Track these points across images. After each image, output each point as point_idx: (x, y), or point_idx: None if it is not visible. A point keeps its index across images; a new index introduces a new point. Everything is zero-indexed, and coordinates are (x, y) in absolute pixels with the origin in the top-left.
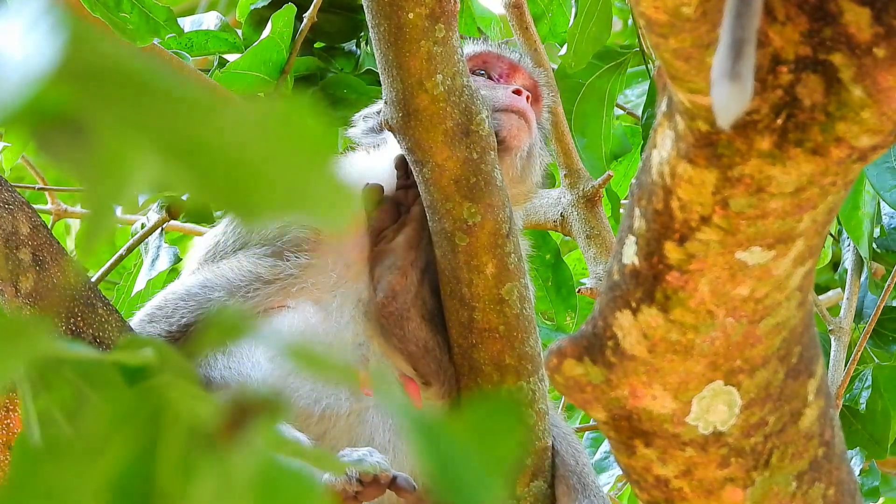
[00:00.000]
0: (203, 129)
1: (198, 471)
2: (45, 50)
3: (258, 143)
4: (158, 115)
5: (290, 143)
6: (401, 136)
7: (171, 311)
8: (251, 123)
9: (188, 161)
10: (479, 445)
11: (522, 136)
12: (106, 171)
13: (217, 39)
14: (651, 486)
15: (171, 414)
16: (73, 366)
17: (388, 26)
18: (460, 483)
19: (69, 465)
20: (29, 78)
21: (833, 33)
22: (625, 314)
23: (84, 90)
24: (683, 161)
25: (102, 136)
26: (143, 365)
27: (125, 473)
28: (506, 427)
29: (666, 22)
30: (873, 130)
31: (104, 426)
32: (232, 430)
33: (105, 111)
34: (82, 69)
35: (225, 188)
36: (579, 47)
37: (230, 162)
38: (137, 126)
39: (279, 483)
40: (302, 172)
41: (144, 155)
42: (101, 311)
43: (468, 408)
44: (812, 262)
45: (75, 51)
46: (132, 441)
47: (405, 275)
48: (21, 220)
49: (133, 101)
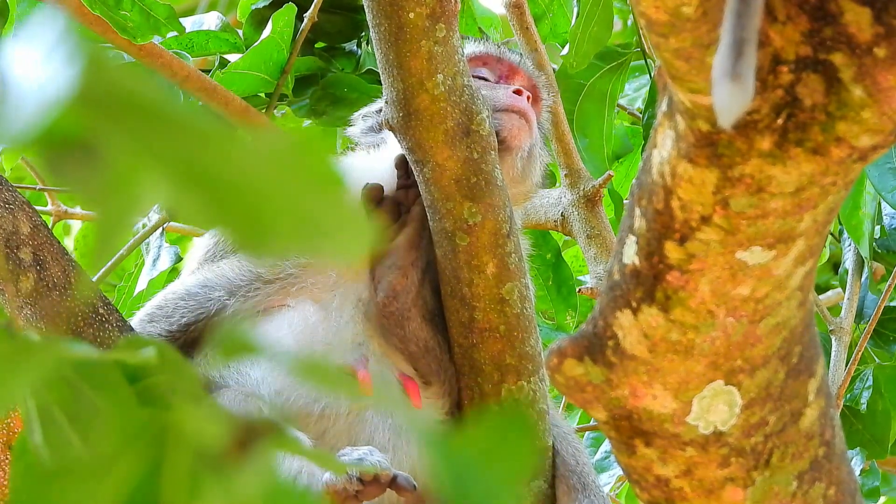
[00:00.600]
0: (215, 158)
1: (203, 490)
2: (62, 77)
3: (269, 172)
4: (171, 142)
5: (303, 175)
6: (401, 135)
7: (171, 310)
8: (263, 154)
9: (199, 190)
10: (492, 457)
11: (523, 137)
12: (116, 194)
13: (218, 40)
14: (651, 485)
15: (176, 434)
16: (75, 365)
17: (389, 26)
18: (475, 494)
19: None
20: (45, 105)
21: (833, 33)
22: (625, 314)
23: (98, 116)
24: (684, 161)
25: (114, 160)
26: (144, 364)
27: (131, 492)
28: (518, 439)
29: (666, 22)
30: (874, 130)
31: (111, 444)
32: (238, 450)
33: (118, 137)
34: (97, 96)
35: (234, 216)
36: (581, 48)
37: (241, 192)
38: (149, 153)
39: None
40: (314, 204)
41: (155, 180)
42: (101, 310)
43: (479, 419)
44: (812, 261)
45: (91, 78)
46: (138, 460)
47: (406, 275)
48: (22, 219)
49: (146, 129)
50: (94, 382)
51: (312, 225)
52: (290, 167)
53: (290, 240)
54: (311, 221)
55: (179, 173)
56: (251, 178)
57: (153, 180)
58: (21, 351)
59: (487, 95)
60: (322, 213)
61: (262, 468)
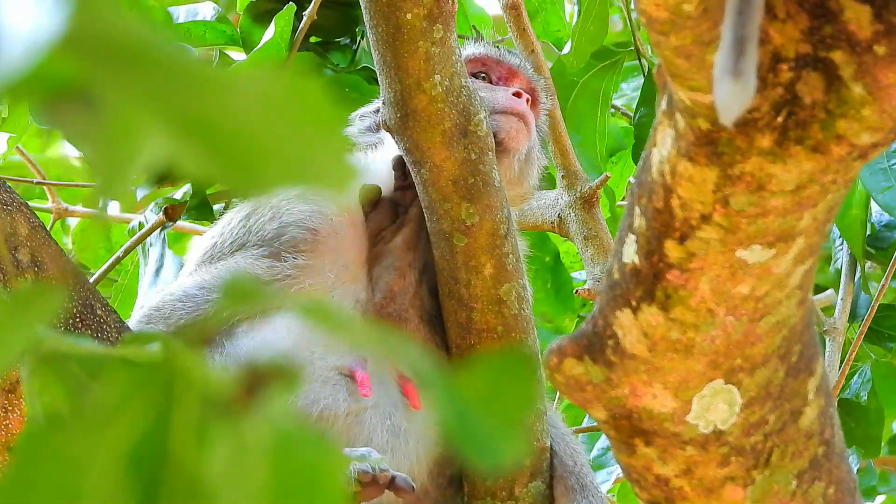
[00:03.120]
0: (209, 101)
1: (212, 439)
2: (51, 19)
3: (264, 115)
4: (165, 87)
5: (296, 116)
6: (399, 136)
7: (168, 312)
8: (257, 96)
9: (194, 132)
10: (494, 400)
11: (521, 139)
12: (115, 141)
13: (215, 31)
14: (651, 485)
15: (183, 383)
16: (79, 361)
17: (387, 27)
18: (478, 437)
19: (79, 437)
20: (33, 48)
21: (833, 31)
22: (625, 313)
23: (90, 62)
24: (684, 159)
25: (110, 107)
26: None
27: (139, 442)
28: (519, 382)
29: (667, 19)
30: (874, 128)
31: (115, 396)
32: (246, 398)
33: (112, 83)
34: (88, 40)
35: (230, 159)
36: (579, 46)
37: (235, 134)
38: (144, 98)
39: (295, 450)
40: (307, 144)
41: (152, 126)
42: (99, 311)
43: (480, 364)
44: (812, 260)
45: (81, 21)
46: (146, 410)
47: (403, 276)
48: (19, 221)
49: (139, 74)
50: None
51: (304, 164)
52: (284, 108)
53: (282, 178)
54: (304, 160)
55: (176, 118)
56: (245, 120)
57: (149, 123)
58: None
59: (486, 97)
60: (314, 152)
61: (270, 414)
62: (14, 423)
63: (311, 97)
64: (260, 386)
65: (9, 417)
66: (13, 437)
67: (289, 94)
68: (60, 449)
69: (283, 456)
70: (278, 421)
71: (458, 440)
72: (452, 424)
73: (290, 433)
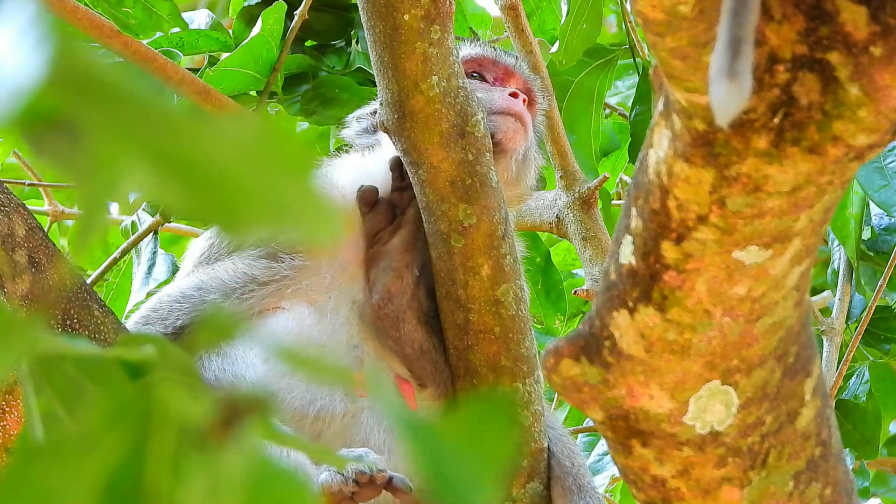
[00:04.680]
0: (186, 141)
1: (188, 470)
2: (34, 60)
3: (242, 157)
4: (143, 125)
5: (273, 158)
6: (396, 137)
7: (165, 313)
8: (235, 138)
9: (173, 171)
10: (473, 446)
11: (518, 139)
12: (97, 172)
13: (208, 38)
14: (648, 486)
15: (161, 412)
16: (75, 362)
17: (384, 28)
18: (454, 483)
19: (60, 464)
20: (18, 88)
21: (830, 32)
22: (622, 314)
23: (72, 98)
24: (680, 160)
25: (92, 142)
26: (143, 361)
27: (115, 473)
28: (500, 428)
29: (663, 20)
30: (870, 129)
31: (95, 424)
32: (223, 429)
33: (93, 120)
34: (70, 79)
35: (208, 200)
36: (570, 45)
37: (213, 174)
38: (124, 135)
39: (270, 483)
40: (284, 187)
41: (132, 161)
42: (96, 312)
43: (462, 408)
44: (809, 261)
45: (63, 61)
46: (122, 439)
47: (401, 277)
48: (17, 222)
49: (119, 112)
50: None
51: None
52: (260, 151)
53: (262, 222)
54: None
55: (155, 156)
56: (223, 161)
57: (131, 163)
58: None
59: (483, 98)
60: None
61: (246, 447)
62: (11, 425)
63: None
64: (237, 416)
65: (6, 419)
66: (10, 438)
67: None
68: (40, 476)
69: (258, 490)
70: (253, 454)
71: (432, 485)
72: (428, 468)
73: (264, 467)
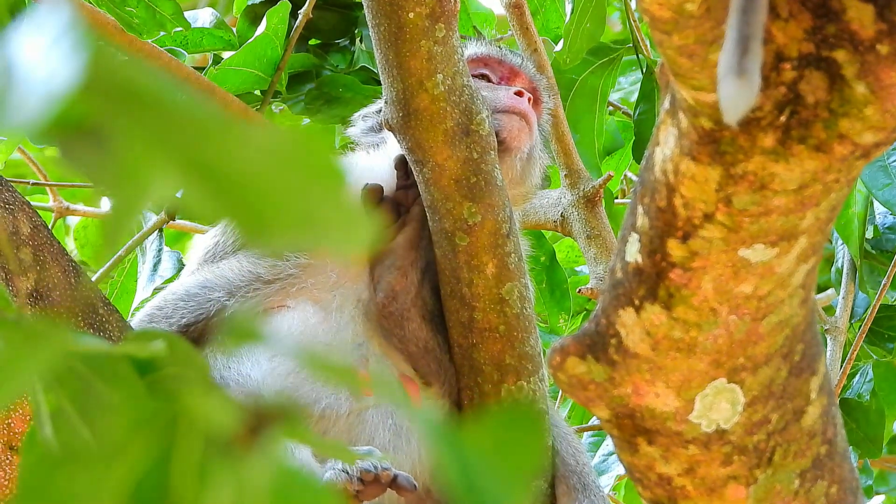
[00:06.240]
0: (217, 149)
1: (213, 477)
2: (68, 66)
3: (272, 166)
4: (174, 133)
5: (303, 168)
6: (401, 135)
7: (170, 311)
8: (265, 146)
9: (202, 179)
10: (500, 453)
11: (523, 138)
12: (128, 178)
13: (212, 37)
14: (654, 484)
15: (186, 420)
16: (84, 358)
17: (389, 26)
18: (481, 490)
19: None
20: (52, 93)
21: (836, 30)
22: (628, 312)
23: (105, 105)
24: (687, 158)
25: (122, 148)
26: (153, 358)
27: (140, 479)
28: (527, 435)
29: (670, 19)
30: (876, 127)
31: (120, 431)
32: (248, 437)
33: (124, 126)
34: (103, 85)
35: (237, 208)
36: (574, 44)
37: (243, 183)
38: (155, 142)
39: (295, 490)
40: (314, 197)
41: (162, 168)
42: (101, 311)
43: (489, 415)
44: (815, 259)
45: (96, 68)
46: (148, 447)
47: (405, 275)
48: (22, 220)
49: (151, 119)
50: (104, 375)
51: (312, 219)
52: (292, 162)
53: (291, 233)
54: (311, 216)
55: (186, 163)
56: (254, 171)
57: (162, 169)
58: (29, 339)
59: (488, 96)
60: (321, 208)
61: (271, 455)
62: (17, 422)
63: (317, 149)
64: (262, 424)
65: (11, 416)
66: (16, 436)
67: (296, 144)
68: (66, 482)
69: (282, 497)
70: (278, 462)
71: (459, 492)
72: (454, 475)
73: (289, 473)
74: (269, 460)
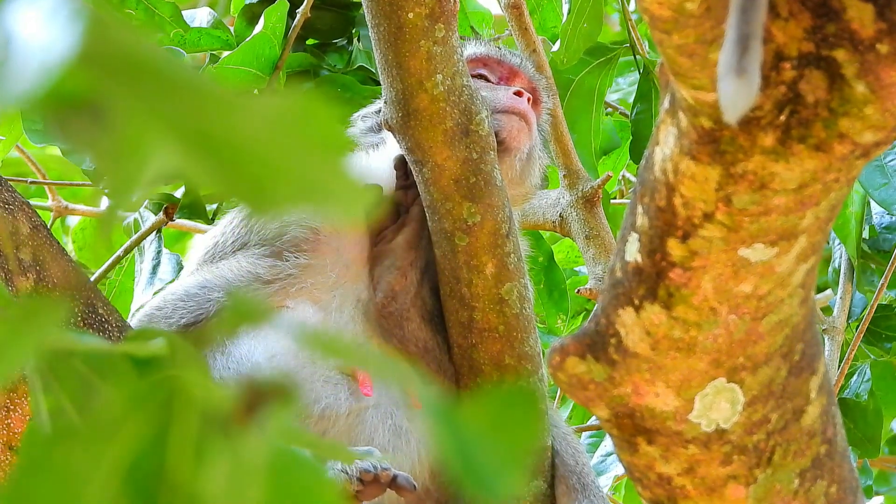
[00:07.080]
0: (218, 120)
1: (209, 456)
2: (65, 37)
3: (273, 136)
4: (175, 104)
5: (305, 138)
6: (400, 136)
7: (170, 311)
8: (266, 117)
9: (204, 150)
10: (498, 434)
11: (522, 138)
12: (124, 154)
13: (210, 36)
14: (654, 483)
15: (183, 399)
16: (84, 357)
17: (388, 26)
18: (479, 469)
19: (81, 450)
20: (49, 65)
21: (836, 29)
22: (627, 311)
23: (102, 77)
24: (686, 158)
25: (121, 121)
26: (153, 355)
27: (137, 457)
28: (524, 417)
29: (669, 18)
30: (876, 126)
31: (116, 411)
32: (244, 416)
33: (123, 99)
34: (100, 57)
35: (239, 179)
36: (571, 44)
37: (245, 153)
38: (154, 114)
39: (291, 469)
40: (315, 166)
41: (162, 141)
42: (101, 310)
43: (485, 397)
44: (814, 259)
45: (94, 39)
46: (144, 426)
47: (405, 275)
48: (21, 220)
49: (150, 91)
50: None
51: (314, 186)
52: (293, 129)
53: (293, 201)
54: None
55: (186, 135)
56: (254, 139)
57: (161, 142)
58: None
59: (487, 96)
60: (323, 175)
61: (269, 433)
62: (16, 422)
63: (319, 118)
64: (259, 403)
65: (10, 416)
66: (15, 436)
67: (297, 114)
68: (62, 460)
69: (279, 475)
70: (275, 440)
71: (458, 470)
72: (454, 454)
73: (286, 453)
74: (266, 439)
